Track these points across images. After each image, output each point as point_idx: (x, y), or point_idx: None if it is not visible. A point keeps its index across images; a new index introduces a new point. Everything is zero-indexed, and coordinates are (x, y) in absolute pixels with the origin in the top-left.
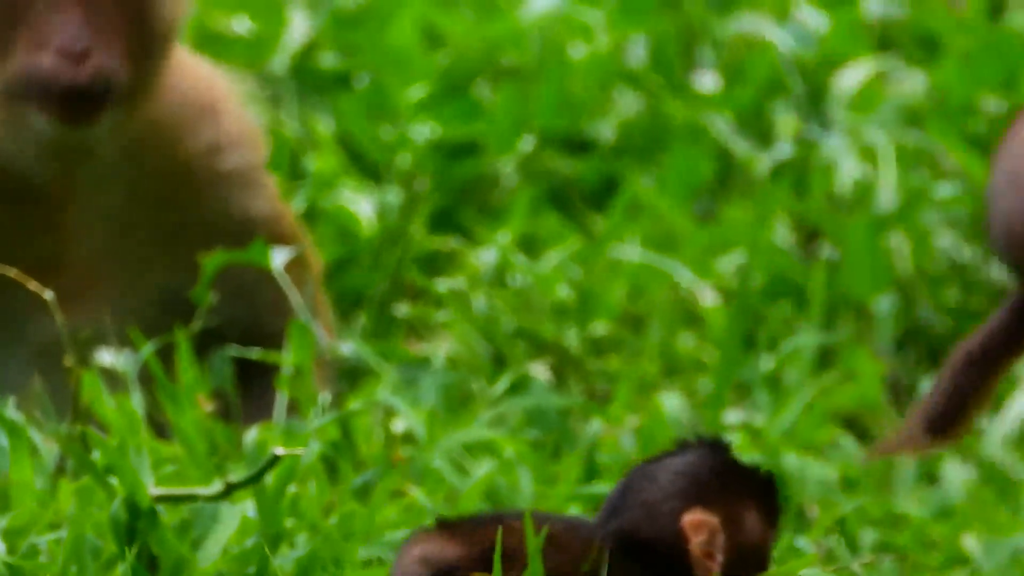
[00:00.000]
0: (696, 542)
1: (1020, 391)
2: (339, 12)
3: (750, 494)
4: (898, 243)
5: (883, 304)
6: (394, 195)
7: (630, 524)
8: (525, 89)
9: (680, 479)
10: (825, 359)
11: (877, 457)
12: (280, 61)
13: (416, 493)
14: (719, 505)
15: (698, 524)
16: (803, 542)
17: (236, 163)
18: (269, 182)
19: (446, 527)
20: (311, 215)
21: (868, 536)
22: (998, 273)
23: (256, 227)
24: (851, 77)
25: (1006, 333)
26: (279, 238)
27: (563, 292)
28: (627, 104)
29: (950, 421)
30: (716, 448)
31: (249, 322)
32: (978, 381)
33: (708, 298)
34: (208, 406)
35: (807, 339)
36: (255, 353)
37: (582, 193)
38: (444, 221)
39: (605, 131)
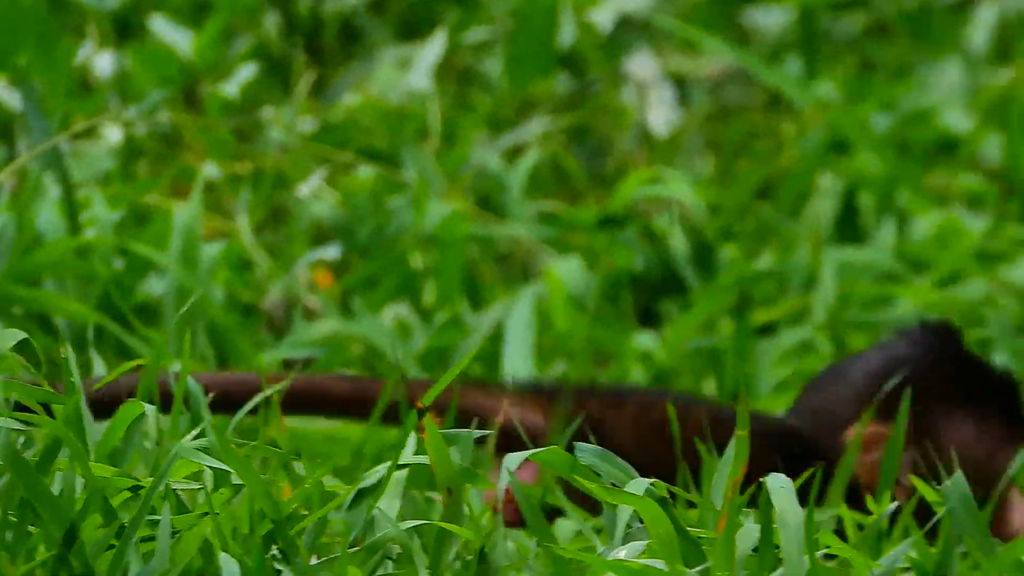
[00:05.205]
0: (865, 459)
1: None
2: None
3: (963, 400)
4: None
5: None
6: None
7: (797, 427)
8: None
9: (862, 381)
10: None
11: None
12: None
13: None
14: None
15: (866, 439)
16: None
17: None
18: None
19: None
20: None
21: None
22: None
23: None
24: None
25: None
26: None
27: None
28: None
29: None
30: (934, 337)
31: None
32: None
33: None
34: None
35: None
36: None
37: None
38: None
39: None
